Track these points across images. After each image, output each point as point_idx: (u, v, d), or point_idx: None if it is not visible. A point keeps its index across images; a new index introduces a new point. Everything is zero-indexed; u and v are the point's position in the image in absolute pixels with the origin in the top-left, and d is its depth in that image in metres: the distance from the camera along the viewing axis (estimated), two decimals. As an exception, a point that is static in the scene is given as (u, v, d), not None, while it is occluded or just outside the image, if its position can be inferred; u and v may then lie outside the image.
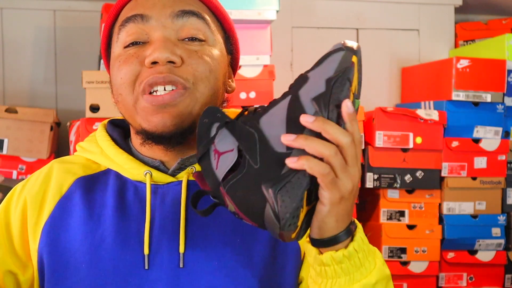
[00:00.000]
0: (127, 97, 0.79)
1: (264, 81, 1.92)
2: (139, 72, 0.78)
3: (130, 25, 0.80)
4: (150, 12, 0.79)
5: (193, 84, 0.78)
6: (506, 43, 2.08)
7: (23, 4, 2.21)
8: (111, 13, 0.85)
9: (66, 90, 2.23)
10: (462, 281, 2.08)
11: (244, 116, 0.71)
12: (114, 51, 0.83)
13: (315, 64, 0.70)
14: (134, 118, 0.80)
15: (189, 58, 0.78)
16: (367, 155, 2.01)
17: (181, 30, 0.80)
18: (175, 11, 0.79)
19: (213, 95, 0.81)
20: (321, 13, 2.34)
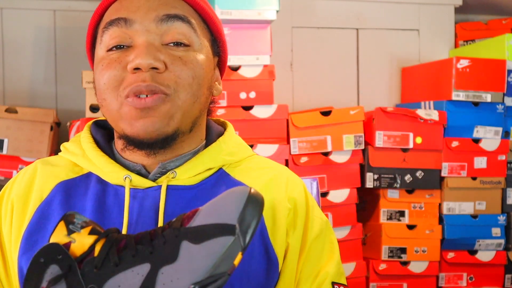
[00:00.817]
0: (111, 103, 0.78)
1: (264, 81, 1.92)
2: (123, 77, 0.77)
3: (114, 28, 0.78)
4: (134, 16, 0.77)
5: (174, 90, 0.76)
6: (506, 43, 2.08)
7: (23, 4, 2.21)
8: (95, 13, 0.83)
9: (66, 90, 2.23)
10: (462, 281, 2.08)
11: (91, 262, 0.60)
12: (97, 53, 0.81)
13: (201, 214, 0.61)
14: (117, 123, 0.79)
15: (172, 65, 0.77)
16: (367, 155, 2.01)
17: (166, 34, 0.78)
18: (159, 15, 0.77)
19: (195, 102, 0.79)
20: (321, 13, 2.34)
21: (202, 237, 0.58)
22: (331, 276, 0.81)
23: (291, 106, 2.27)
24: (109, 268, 0.59)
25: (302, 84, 2.32)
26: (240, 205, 0.59)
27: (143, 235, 0.61)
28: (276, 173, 0.85)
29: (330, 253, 0.84)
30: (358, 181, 2.01)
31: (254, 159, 0.88)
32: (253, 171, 0.85)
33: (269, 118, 1.94)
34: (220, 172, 0.83)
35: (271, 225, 0.80)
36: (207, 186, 0.80)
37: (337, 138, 1.98)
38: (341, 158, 1.99)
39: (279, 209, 0.81)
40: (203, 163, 0.81)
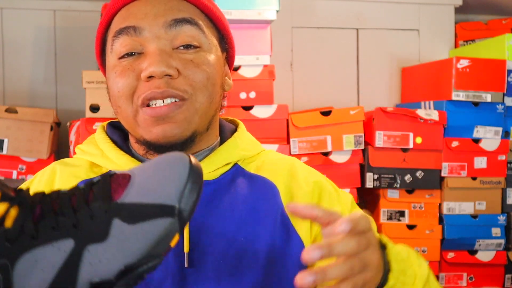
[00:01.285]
0: (126, 110, 0.80)
1: (264, 81, 1.92)
2: (136, 85, 0.78)
3: (123, 37, 0.79)
4: (142, 24, 0.78)
5: (191, 94, 0.78)
6: (506, 43, 2.08)
7: (23, 4, 2.21)
8: (103, 20, 0.84)
9: (66, 90, 2.23)
10: (462, 281, 2.08)
11: (3, 235, 0.51)
12: (109, 60, 0.82)
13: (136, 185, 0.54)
14: (135, 129, 0.81)
15: (185, 69, 0.78)
16: (367, 155, 2.01)
17: (175, 39, 0.79)
18: (167, 21, 0.79)
19: (211, 102, 0.81)
20: (321, 13, 2.34)
21: (137, 217, 0.52)
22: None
23: (291, 106, 2.27)
24: (25, 241, 0.51)
25: (302, 84, 2.32)
26: (181, 182, 0.53)
27: (62, 202, 0.54)
28: (290, 163, 0.89)
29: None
30: (358, 181, 2.01)
31: (266, 153, 0.91)
32: (267, 164, 0.88)
33: (269, 118, 1.94)
34: (236, 167, 0.85)
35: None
36: (225, 181, 0.83)
37: (337, 138, 1.98)
38: (341, 158, 1.99)
39: (297, 194, 0.84)
40: (221, 158, 0.83)
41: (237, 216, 0.80)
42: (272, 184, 0.85)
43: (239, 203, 0.82)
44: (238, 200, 0.82)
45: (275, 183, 0.85)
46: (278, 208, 0.82)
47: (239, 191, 0.83)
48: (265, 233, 0.80)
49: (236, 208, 0.81)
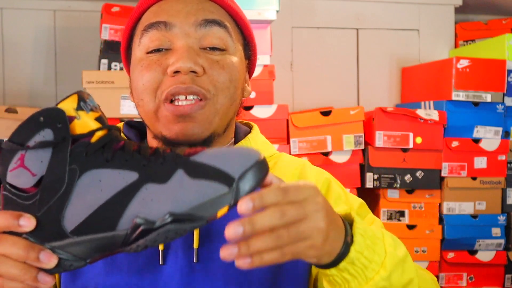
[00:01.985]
0: (148, 104, 0.80)
1: (264, 81, 1.92)
2: (161, 80, 0.79)
3: (153, 31, 0.80)
4: (173, 20, 0.80)
5: (213, 94, 0.79)
6: (506, 43, 2.08)
7: (23, 4, 2.21)
8: (133, 14, 0.85)
9: (66, 90, 2.23)
10: (462, 281, 2.08)
11: (85, 146, 0.59)
12: (135, 54, 0.83)
13: (204, 156, 0.58)
14: (154, 124, 0.81)
15: (210, 69, 0.79)
16: (367, 155, 2.01)
17: (204, 38, 0.80)
18: (198, 20, 0.80)
19: (232, 105, 0.82)
20: (321, 13, 2.34)
21: (199, 174, 0.56)
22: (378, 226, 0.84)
23: (291, 106, 2.27)
24: (99, 159, 0.58)
25: (302, 84, 2.32)
26: (247, 164, 0.57)
27: (143, 147, 0.60)
28: (301, 164, 0.91)
29: (371, 219, 0.87)
30: (358, 181, 2.01)
31: (279, 156, 0.93)
32: (278, 165, 0.89)
33: (269, 118, 1.94)
34: None
35: None
36: None
37: (337, 138, 1.98)
38: (341, 158, 1.99)
39: None
40: None
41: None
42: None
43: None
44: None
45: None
46: None
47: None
48: None
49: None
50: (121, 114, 1.82)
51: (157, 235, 0.56)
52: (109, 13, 1.97)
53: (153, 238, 0.56)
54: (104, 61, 1.95)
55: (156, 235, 0.56)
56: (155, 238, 0.56)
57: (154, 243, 0.56)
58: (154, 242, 0.56)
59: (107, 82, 1.84)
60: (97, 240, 0.57)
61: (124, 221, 0.56)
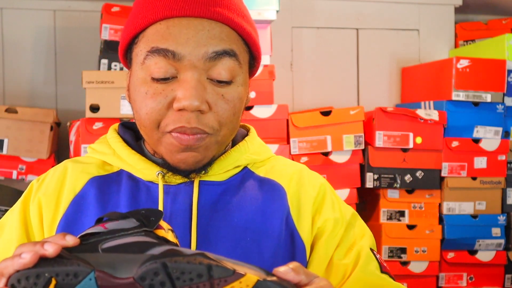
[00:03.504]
0: (151, 132, 0.80)
1: (264, 81, 1.92)
2: (165, 112, 0.78)
3: (160, 58, 0.78)
4: (182, 50, 0.77)
5: (217, 130, 0.80)
6: (506, 43, 2.08)
7: (23, 4, 2.21)
8: (138, 24, 0.81)
9: (66, 90, 2.23)
10: (462, 281, 2.08)
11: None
12: (137, 70, 0.81)
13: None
14: (157, 147, 0.82)
15: (215, 105, 0.79)
16: (367, 155, 2.01)
17: (212, 70, 0.79)
18: (208, 52, 0.78)
19: (232, 134, 0.84)
20: (321, 13, 2.34)
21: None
22: (368, 245, 0.86)
23: (291, 106, 2.27)
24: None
25: (302, 84, 2.32)
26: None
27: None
28: (298, 168, 0.91)
29: (362, 231, 0.89)
30: (358, 181, 2.01)
31: (276, 158, 0.93)
32: (276, 168, 0.90)
33: (269, 118, 1.94)
34: (246, 170, 0.88)
35: (297, 214, 0.85)
36: (235, 183, 0.85)
37: (337, 138, 1.98)
38: (341, 158, 1.99)
39: (304, 198, 0.86)
40: (231, 161, 0.86)
41: (244, 216, 0.82)
42: (279, 186, 0.87)
43: (247, 204, 0.83)
44: (246, 201, 0.84)
45: (282, 186, 0.87)
46: (284, 209, 0.84)
47: (248, 192, 0.85)
48: (271, 233, 0.82)
49: (244, 208, 0.83)
50: (121, 114, 1.82)
51: (181, 258, 0.58)
52: (109, 13, 1.97)
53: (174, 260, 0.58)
54: (104, 61, 1.95)
55: (179, 259, 0.58)
56: (176, 260, 0.58)
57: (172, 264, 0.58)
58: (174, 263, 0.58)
59: (107, 82, 1.84)
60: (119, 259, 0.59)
61: (156, 249, 0.60)
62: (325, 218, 0.86)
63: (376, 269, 0.84)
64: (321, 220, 0.85)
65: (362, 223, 0.92)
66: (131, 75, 0.84)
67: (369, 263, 0.84)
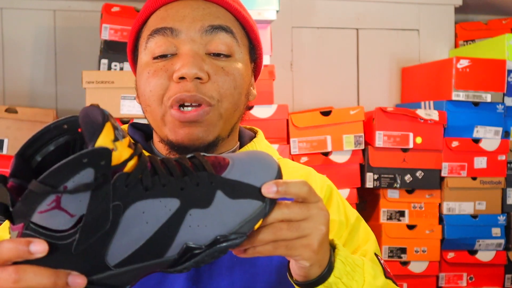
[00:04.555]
0: (155, 110, 0.81)
1: (264, 81, 1.92)
2: (168, 86, 0.80)
3: (159, 37, 0.81)
4: (179, 26, 0.80)
5: (218, 101, 0.80)
6: (506, 43, 2.08)
7: (23, 4, 2.21)
8: (140, 16, 0.86)
9: (66, 90, 2.23)
10: (462, 281, 2.08)
11: (123, 179, 0.54)
12: (141, 58, 0.84)
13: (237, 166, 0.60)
14: (161, 129, 0.82)
15: (215, 75, 0.80)
16: (367, 155, 2.01)
17: (209, 44, 0.81)
18: (204, 26, 0.80)
19: (236, 110, 0.83)
20: (321, 13, 2.34)
21: (238, 193, 0.58)
22: (372, 250, 0.86)
23: (291, 106, 2.27)
24: (139, 190, 0.55)
25: (302, 84, 2.32)
26: (272, 175, 0.61)
27: (168, 163, 0.58)
28: (305, 170, 0.92)
29: (366, 235, 0.90)
30: (358, 181, 2.01)
31: (283, 161, 0.94)
32: (284, 169, 0.89)
33: (269, 118, 1.94)
34: None
35: None
36: None
37: (337, 138, 1.98)
38: (341, 158, 1.99)
39: None
40: None
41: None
42: None
43: None
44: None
45: None
46: None
47: None
48: None
49: None
50: (121, 114, 1.82)
51: (205, 256, 0.57)
52: (109, 13, 1.97)
53: (200, 260, 0.57)
54: (104, 61, 1.95)
55: (204, 256, 0.57)
56: (202, 259, 0.57)
57: (200, 264, 0.57)
58: (201, 263, 0.57)
59: (107, 82, 1.84)
60: (143, 268, 0.56)
61: (173, 249, 0.56)
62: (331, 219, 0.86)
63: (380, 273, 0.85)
64: None
65: (366, 226, 0.93)
66: (137, 71, 0.86)
67: None
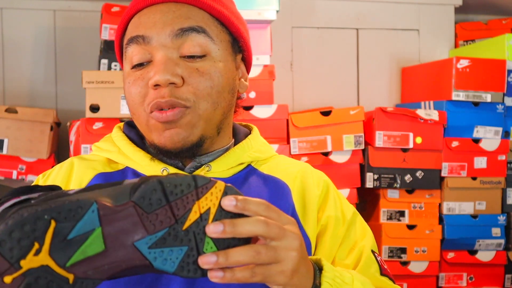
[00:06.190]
0: (140, 116, 0.83)
1: (264, 81, 1.92)
2: (146, 93, 0.81)
3: (134, 45, 0.82)
4: (150, 33, 0.81)
5: (194, 102, 0.80)
6: (506, 43, 2.08)
7: (23, 4, 2.21)
8: (119, 26, 0.87)
9: (66, 90, 2.23)
10: (462, 281, 2.08)
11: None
12: (124, 67, 0.86)
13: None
14: (147, 134, 0.84)
15: (189, 78, 0.80)
16: (367, 155, 2.01)
17: (182, 47, 0.81)
18: (174, 30, 0.80)
19: (216, 109, 0.83)
20: (321, 13, 2.34)
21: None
22: (369, 246, 0.87)
23: (291, 106, 2.27)
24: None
25: (302, 84, 2.32)
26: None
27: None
28: (301, 166, 0.92)
29: (363, 231, 0.90)
30: (358, 181, 2.01)
31: (279, 157, 0.94)
32: (279, 166, 0.91)
33: (269, 118, 1.94)
34: (250, 168, 0.88)
35: (302, 211, 0.86)
36: (239, 179, 0.86)
37: (337, 138, 1.98)
38: (341, 158, 1.99)
39: (309, 195, 0.87)
40: (235, 158, 0.86)
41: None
42: (284, 184, 0.87)
43: None
44: (251, 197, 0.84)
45: (287, 183, 0.87)
46: (289, 206, 0.85)
47: (252, 189, 0.85)
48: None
49: None
50: (121, 114, 1.82)
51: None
52: (109, 13, 1.97)
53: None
54: (104, 61, 1.95)
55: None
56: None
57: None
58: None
59: (107, 82, 1.84)
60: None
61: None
62: (327, 215, 0.87)
63: (376, 271, 0.85)
64: (324, 217, 0.87)
65: (363, 221, 0.93)
66: (123, 79, 0.87)
67: (370, 265, 0.85)
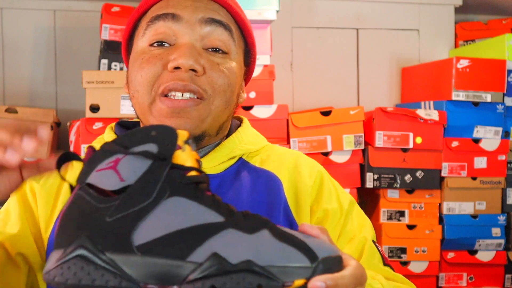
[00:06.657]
0: (144, 96, 0.81)
1: (264, 81, 1.92)
2: (160, 74, 0.80)
3: (160, 23, 0.81)
4: (181, 13, 0.81)
5: (210, 95, 0.80)
6: (506, 43, 2.08)
7: (23, 4, 2.21)
8: (140, 7, 0.86)
9: (66, 90, 2.23)
10: (462, 281, 2.08)
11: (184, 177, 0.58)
12: (137, 45, 0.84)
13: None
14: (147, 117, 0.82)
15: (210, 70, 0.80)
16: (367, 155, 2.01)
17: (207, 38, 0.81)
18: (205, 17, 0.81)
19: (226, 108, 0.83)
20: (321, 13, 2.34)
21: (285, 238, 0.56)
22: (370, 237, 0.86)
23: (291, 106, 2.27)
24: (190, 191, 0.58)
25: (302, 84, 2.32)
26: (332, 253, 0.58)
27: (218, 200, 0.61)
28: (294, 156, 0.91)
29: (361, 220, 0.89)
30: (358, 181, 2.01)
31: (271, 147, 0.93)
32: (272, 157, 0.90)
33: (269, 118, 1.94)
34: (241, 161, 0.87)
35: (294, 204, 0.85)
36: (231, 175, 0.85)
37: (337, 138, 1.98)
38: (341, 158, 1.99)
39: (301, 187, 0.86)
40: (225, 152, 0.85)
41: (241, 209, 0.82)
42: (276, 177, 0.86)
43: (243, 196, 0.83)
44: (243, 193, 0.84)
45: (278, 177, 0.87)
46: (281, 201, 0.84)
47: (244, 184, 0.85)
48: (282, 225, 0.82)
49: (240, 201, 0.83)
50: (121, 114, 1.82)
51: (229, 279, 0.53)
52: (109, 13, 1.97)
53: (222, 281, 0.53)
54: (104, 61, 1.95)
55: (228, 279, 0.53)
56: (225, 281, 0.53)
57: (221, 286, 0.54)
58: (223, 285, 0.53)
59: (107, 82, 1.84)
60: (160, 266, 0.54)
61: (198, 253, 0.54)
62: (323, 208, 0.86)
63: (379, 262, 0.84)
64: (320, 210, 0.86)
65: (360, 210, 0.92)
66: (131, 58, 0.85)
67: (373, 256, 0.84)
